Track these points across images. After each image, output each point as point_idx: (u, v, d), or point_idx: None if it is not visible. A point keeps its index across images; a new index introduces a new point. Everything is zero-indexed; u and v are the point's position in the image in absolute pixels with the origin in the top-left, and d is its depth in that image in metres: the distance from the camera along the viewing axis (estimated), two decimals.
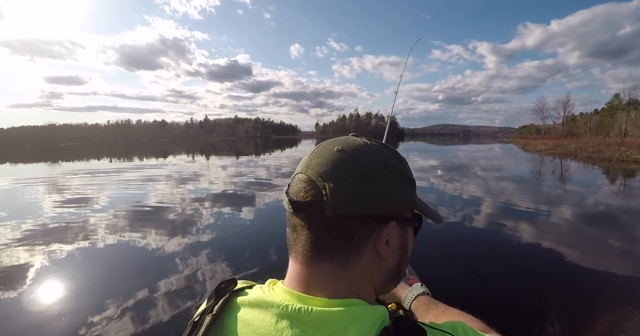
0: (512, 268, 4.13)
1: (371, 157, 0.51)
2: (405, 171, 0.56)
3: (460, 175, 13.09)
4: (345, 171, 0.49)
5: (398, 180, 0.53)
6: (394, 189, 0.52)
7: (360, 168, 0.49)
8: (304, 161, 0.54)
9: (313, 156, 0.53)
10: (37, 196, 9.49)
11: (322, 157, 0.51)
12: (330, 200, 0.48)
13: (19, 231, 5.79)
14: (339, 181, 0.48)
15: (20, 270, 4.16)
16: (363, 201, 0.48)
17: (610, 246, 4.98)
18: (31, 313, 3.21)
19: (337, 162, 0.50)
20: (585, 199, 8.59)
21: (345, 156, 0.50)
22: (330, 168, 0.49)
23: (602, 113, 74.17)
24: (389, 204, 0.51)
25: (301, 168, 0.53)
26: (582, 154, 22.58)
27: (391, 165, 0.53)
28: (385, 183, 0.50)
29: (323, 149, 0.53)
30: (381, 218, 0.51)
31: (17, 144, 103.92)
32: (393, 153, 0.56)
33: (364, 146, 0.52)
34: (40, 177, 14.46)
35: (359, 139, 0.54)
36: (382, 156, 0.53)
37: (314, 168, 0.51)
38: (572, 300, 3.35)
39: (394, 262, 0.55)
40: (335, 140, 0.55)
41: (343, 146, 0.52)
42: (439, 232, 5.46)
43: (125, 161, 24.73)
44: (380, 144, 0.55)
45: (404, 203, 0.54)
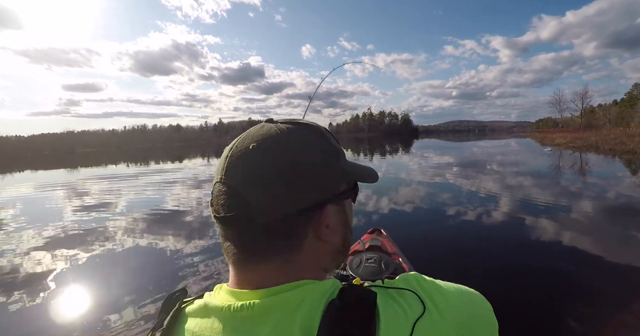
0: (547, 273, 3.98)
1: (290, 146, 0.48)
2: (329, 144, 0.53)
3: (479, 173, 12.82)
4: (266, 170, 0.46)
5: (324, 159, 0.51)
6: (322, 171, 0.49)
7: (281, 161, 0.46)
8: (220, 166, 0.50)
9: (229, 159, 0.49)
10: (58, 202, 9.63)
11: (239, 159, 0.48)
12: (257, 207, 0.45)
13: (41, 237, 5.85)
14: (262, 184, 0.46)
15: (42, 274, 4.20)
16: (292, 197, 0.46)
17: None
18: (53, 315, 3.24)
19: (255, 163, 0.47)
20: (622, 194, 8.28)
21: (262, 153, 0.47)
22: (250, 171, 0.47)
23: (622, 104, 72.21)
24: (320, 190, 0.49)
25: (219, 175, 0.49)
26: (604, 146, 21.74)
27: (313, 145, 0.50)
28: (312, 169, 0.48)
29: (238, 150, 0.49)
30: (316, 206, 0.48)
31: (37, 151, 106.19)
32: (312, 130, 0.53)
33: (280, 134, 0.49)
34: (60, 183, 14.72)
35: (273, 127, 0.51)
36: (302, 138, 0.50)
37: (232, 174, 0.48)
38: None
39: (339, 240, 0.54)
40: (249, 134, 0.51)
41: (258, 141, 0.48)
42: (457, 230, 5.31)
43: (142, 166, 25.02)
44: (297, 126, 0.52)
45: (335, 180, 0.52)
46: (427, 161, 18.02)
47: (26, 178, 20.00)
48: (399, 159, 21.29)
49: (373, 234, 3.14)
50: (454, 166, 14.99)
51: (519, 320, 2.89)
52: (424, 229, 5.74)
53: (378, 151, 32.12)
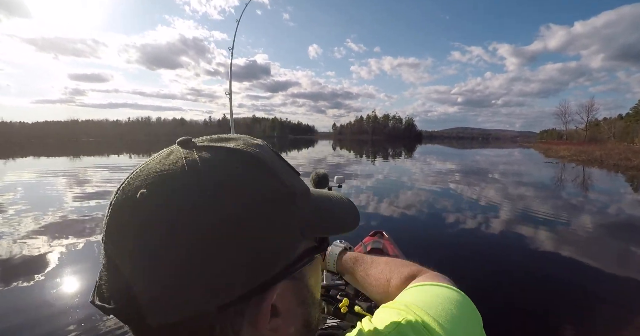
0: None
1: (202, 194, 0.31)
2: (277, 183, 0.36)
3: (481, 182, 12.79)
4: (160, 239, 0.30)
5: (266, 212, 0.34)
6: (260, 236, 0.33)
7: (184, 227, 0.30)
8: (105, 217, 0.34)
9: (112, 209, 0.33)
10: (59, 188, 9.61)
11: (122, 215, 0.32)
12: (149, 302, 0.30)
13: (41, 222, 5.83)
14: (152, 262, 0.30)
15: (40, 259, 4.19)
16: (206, 287, 0.30)
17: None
18: (51, 299, 3.24)
19: (142, 224, 0.31)
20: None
21: (154, 208, 0.31)
22: (135, 238, 0.31)
23: (627, 118, 71.92)
24: (259, 267, 0.33)
25: (102, 233, 0.34)
26: (608, 161, 21.64)
27: (247, 191, 0.33)
28: (242, 235, 0.32)
29: (123, 196, 0.33)
30: (250, 294, 0.32)
31: (40, 139, 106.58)
32: (248, 161, 0.36)
33: (189, 172, 0.33)
34: (62, 170, 14.72)
35: (182, 157, 0.34)
36: (227, 180, 0.33)
37: (113, 238, 0.32)
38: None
39: (298, 326, 0.40)
40: (144, 170, 0.34)
41: (150, 185, 0.32)
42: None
43: (145, 157, 24.94)
44: (223, 154, 0.36)
45: (287, 243, 0.36)
46: (430, 167, 18.01)
47: (29, 163, 20.03)
48: (402, 163, 21.27)
49: (375, 236, 3.11)
50: (457, 173, 14.99)
51: (516, 325, 2.92)
52: (425, 233, 5.79)
53: (381, 154, 32.10)
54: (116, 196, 0.33)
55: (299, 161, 20.59)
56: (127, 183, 0.34)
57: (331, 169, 15.35)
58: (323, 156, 26.44)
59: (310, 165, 17.70)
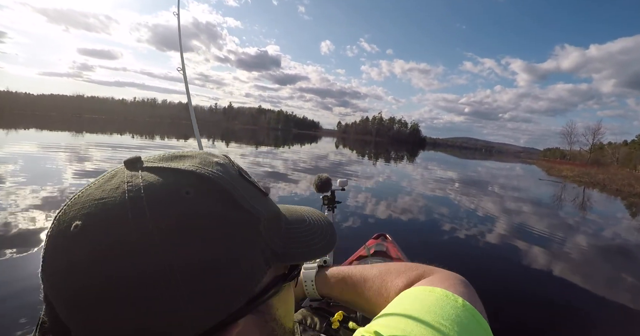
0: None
1: (147, 235, 0.27)
2: (242, 211, 0.33)
3: (484, 193, 12.70)
4: (97, 281, 0.26)
5: (227, 245, 0.31)
6: (220, 273, 0.30)
7: (124, 270, 0.26)
8: (42, 250, 0.30)
9: (48, 241, 0.30)
10: (59, 163, 9.51)
11: (55, 250, 0.29)
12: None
13: (38, 196, 5.72)
14: (87, 311, 0.27)
15: (35, 233, 4.13)
16: (153, 333, 0.27)
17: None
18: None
19: (75, 266, 0.27)
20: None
21: (87, 245, 0.27)
22: (69, 278, 0.27)
23: (632, 145, 72.00)
24: (217, 304, 0.30)
25: (40, 268, 0.30)
26: (611, 186, 21.47)
27: (199, 225, 0.30)
28: (197, 275, 0.28)
29: (57, 227, 0.29)
30: (208, 334, 0.29)
31: (44, 111, 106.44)
32: (205, 186, 0.32)
33: (129, 202, 0.28)
34: (64, 145, 14.60)
35: (124, 183, 0.30)
36: (178, 214, 0.29)
37: (47, 273, 0.29)
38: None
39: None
40: (82, 195, 0.31)
41: (87, 216, 0.28)
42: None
43: (147, 139, 25.02)
44: (172, 177, 0.32)
45: (251, 275, 0.33)
46: (432, 174, 17.89)
47: (31, 136, 19.93)
48: (404, 168, 21.13)
49: (378, 239, 3.05)
50: (458, 183, 14.85)
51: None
52: (428, 237, 5.83)
53: (383, 156, 31.99)
54: (52, 228, 0.29)
55: (301, 156, 20.48)
56: (62, 212, 0.30)
57: (332, 167, 15.28)
58: (325, 153, 26.32)
59: (312, 161, 17.56)
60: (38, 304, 0.28)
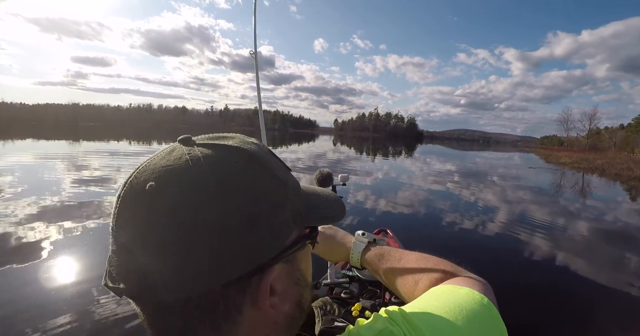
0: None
1: (206, 185, 0.34)
2: (272, 177, 0.40)
3: (486, 184, 12.70)
4: (170, 225, 0.33)
5: (263, 202, 0.37)
6: (259, 222, 0.36)
7: (192, 212, 0.33)
8: (113, 209, 0.36)
9: (121, 202, 0.35)
10: (57, 172, 9.49)
11: (132, 205, 0.34)
12: (159, 282, 0.33)
13: (37, 207, 5.72)
14: (164, 245, 0.33)
15: (35, 244, 4.11)
16: (212, 268, 0.34)
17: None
18: (42, 284, 3.18)
19: (153, 212, 0.33)
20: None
21: (163, 198, 0.33)
22: (147, 225, 0.33)
23: (628, 129, 71.90)
24: (259, 249, 0.36)
25: (112, 223, 0.36)
26: (610, 170, 21.50)
27: (246, 183, 0.37)
28: (243, 220, 0.35)
29: (131, 189, 0.35)
30: (251, 274, 0.36)
31: (40, 121, 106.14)
32: (246, 157, 0.39)
33: (193, 166, 0.35)
34: (61, 154, 14.57)
35: (185, 153, 0.37)
36: (228, 173, 0.36)
37: (124, 226, 0.34)
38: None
39: (291, 305, 0.43)
40: (150, 164, 0.37)
41: (158, 178, 0.34)
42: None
43: (144, 145, 24.97)
44: (222, 151, 0.38)
45: (282, 230, 0.40)
46: (430, 167, 17.91)
47: (28, 146, 19.86)
48: (402, 162, 21.14)
49: (379, 234, 3.05)
50: (458, 174, 14.89)
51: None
52: (429, 231, 5.84)
53: (381, 151, 31.98)
54: (124, 189, 0.35)
55: (299, 155, 20.49)
56: (134, 177, 0.36)
57: (331, 165, 15.30)
58: (323, 151, 26.32)
59: (310, 159, 17.60)
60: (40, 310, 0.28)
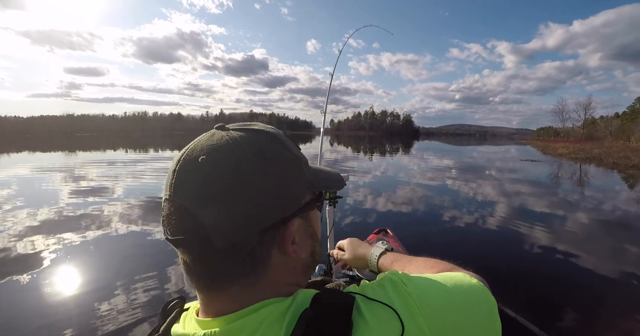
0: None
1: (245, 158, 0.44)
2: (289, 152, 0.50)
3: (484, 179, 12.69)
4: (220, 187, 0.42)
5: (285, 170, 0.48)
6: (283, 184, 0.46)
7: (237, 176, 0.42)
8: (168, 181, 0.45)
9: (177, 173, 0.44)
10: (54, 184, 9.47)
11: (188, 174, 0.44)
12: (214, 229, 0.42)
13: (36, 218, 5.72)
14: (216, 202, 0.41)
15: (34, 256, 4.11)
16: (252, 216, 0.43)
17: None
18: (44, 296, 3.17)
19: (206, 178, 0.42)
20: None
21: (214, 167, 0.43)
22: (202, 188, 0.42)
23: (623, 117, 72.04)
24: (283, 205, 0.46)
25: (168, 191, 0.45)
26: (608, 159, 21.47)
27: (273, 156, 0.47)
28: (272, 182, 0.45)
29: (186, 163, 0.44)
30: (279, 223, 0.46)
31: (35, 133, 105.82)
32: (269, 137, 0.49)
33: (233, 144, 0.45)
34: (57, 166, 14.57)
35: (224, 135, 0.46)
36: (259, 148, 0.46)
37: (182, 191, 0.43)
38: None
39: (307, 254, 0.53)
40: (197, 145, 0.46)
41: (207, 153, 0.44)
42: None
43: (141, 153, 24.87)
44: (250, 133, 0.48)
45: (298, 192, 0.49)
46: (428, 164, 17.92)
47: (24, 159, 19.80)
48: (400, 159, 21.16)
49: (379, 234, 3.05)
50: (456, 170, 14.91)
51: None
52: (428, 230, 5.79)
53: (378, 150, 31.97)
54: (179, 164, 0.44)
55: None
56: (186, 154, 0.45)
57: (328, 165, 15.15)
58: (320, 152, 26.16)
59: (308, 160, 17.52)
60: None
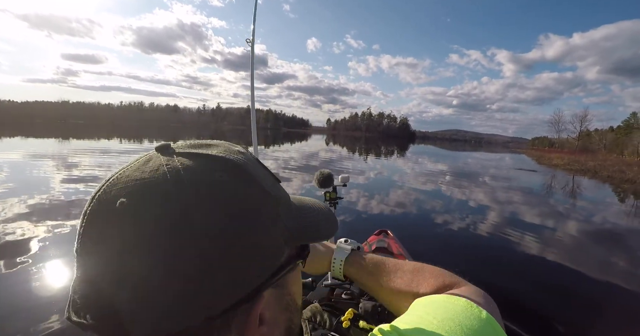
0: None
1: (186, 205, 0.30)
2: (262, 191, 0.36)
3: (482, 184, 12.69)
4: (143, 252, 0.29)
5: (253, 223, 0.34)
6: (249, 245, 0.33)
7: (169, 236, 0.29)
8: (78, 227, 0.32)
9: (87, 219, 0.31)
10: (46, 171, 9.28)
11: (100, 226, 0.31)
12: (132, 319, 0.29)
13: (25, 205, 5.57)
14: (134, 280, 0.29)
15: (23, 244, 3.99)
16: (191, 303, 0.29)
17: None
18: (29, 286, 3.05)
19: (123, 237, 0.29)
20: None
21: (134, 219, 0.30)
22: (112, 252, 0.29)
23: (618, 131, 72.98)
24: (245, 280, 0.33)
25: (76, 242, 0.32)
26: (603, 172, 21.52)
27: (231, 203, 0.33)
28: (229, 251, 0.31)
29: (100, 206, 0.31)
30: (237, 304, 0.32)
31: (29, 118, 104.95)
32: (232, 170, 0.35)
33: (171, 180, 0.31)
34: (50, 152, 14.34)
35: (162, 164, 0.33)
36: (211, 189, 0.32)
37: (88, 250, 0.31)
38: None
39: (282, 331, 0.40)
40: (121, 175, 0.33)
41: (131, 193, 0.31)
42: None
43: (135, 143, 24.73)
44: (205, 162, 0.35)
45: (271, 252, 0.36)
46: (422, 167, 17.91)
47: (16, 144, 19.56)
48: (397, 162, 21.13)
49: (380, 235, 3.05)
50: (453, 176, 14.89)
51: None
52: (428, 231, 5.82)
53: (374, 151, 31.98)
54: (91, 205, 0.32)
55: (292, 155, 20.36)
56: (103, 191, 0.32)
57: (322, 165, 15.17)
58: (316, 151, 26.24)
59: (302, 159, 17.49)
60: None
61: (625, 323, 3.23)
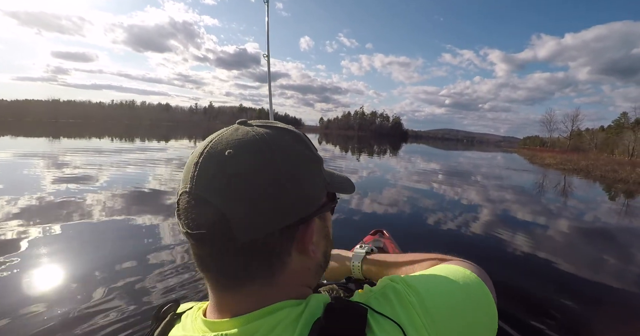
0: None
1: (272, 154, 0.43)
2: (311, 152, 0.50)
3: (472, 182, 12.69)
4: (246, 181, 0.41)
5: (309, 170, 0.47)
6: (307, 183, 0.46)
7: (263, 173, 0.41)
8: (188, 173, 0.44)
9: (200, 166, 0.43)
10: (36, 170, 9.13)
11: (213, 168, 0.42)
12: (238, 225, 0.40)
13: (15, 205, 5.46)
14: (243, 198, 0.40)
15: (13, 243, 3.93)
16: (277, 213, 0.42)
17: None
18: (18, 287, 2.96)
19: (232, 172, 0.41)
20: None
21: (241, 162, 0.41)
22: (226, 181, 0.41)
23: (609, 130, 73.86)
24: (306, 203, 0.46)
25: (188, 184, 0.43)
26: (595, 172, 21.52)
27: (297, 154, 0.46)
28: (297, 180, 0.44)
29: (210, 156, 0.43)
30: (300, 221, 0.45)
31: (18, 117, 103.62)
32: (294, 136, 0.49)
33: (260, 140, 0.44)
34: (40, 152, 14.19)
35: (250, 131, 0.45)
36: (285, 146, 0.45)
37: (204, 184, 0.42)
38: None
39: (321, 255, 0.52)
40: (222, 137, 0.45)
41: (234, 147, 0.42)
42: None
43: (127, 142, 24.46)
44: (276, 131, 0.47)
45: (319, 192, 0.49)
46: (418, 166, 17.89)
47: (5, 143, 19.25)
48: (390, 161, 21.11)
49: (375, 235, 2.99)
50: (447, 174, 14.87)
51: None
52: (425, 230, 5.82)
53: (367, 150, 31.95)
54: (202, 156, 0.43)
55: None
56: (209, 148, 0.43)
57: None
58: None
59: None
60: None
61: (618, 319, 3.26)
